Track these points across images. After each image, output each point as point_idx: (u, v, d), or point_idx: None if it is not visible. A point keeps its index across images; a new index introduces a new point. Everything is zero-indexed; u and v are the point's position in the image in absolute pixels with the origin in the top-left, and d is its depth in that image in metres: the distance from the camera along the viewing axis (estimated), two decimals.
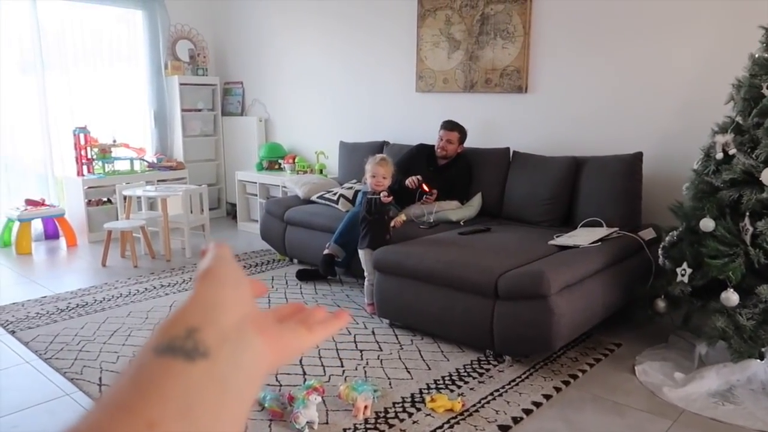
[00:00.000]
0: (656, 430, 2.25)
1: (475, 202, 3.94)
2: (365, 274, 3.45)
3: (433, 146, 4.05)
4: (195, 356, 0.31)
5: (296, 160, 5.44)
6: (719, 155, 2.66)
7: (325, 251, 3.81)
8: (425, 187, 3.77)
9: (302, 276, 4.05)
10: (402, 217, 3.45)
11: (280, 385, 2.56)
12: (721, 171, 2.66)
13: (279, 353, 0.38)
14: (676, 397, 2.46)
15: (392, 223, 3.41)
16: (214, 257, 0.39)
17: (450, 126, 3.97)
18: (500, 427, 2.26)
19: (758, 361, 2.55)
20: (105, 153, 5.35)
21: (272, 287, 3.94)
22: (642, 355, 2.86)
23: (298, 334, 0.40)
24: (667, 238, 2.88)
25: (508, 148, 3.97)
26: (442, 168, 4.01)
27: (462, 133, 3.98)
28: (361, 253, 3.42)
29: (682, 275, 2.72)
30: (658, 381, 2.60)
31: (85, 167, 5.28)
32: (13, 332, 3.18)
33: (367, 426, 2.26)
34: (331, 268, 3.86)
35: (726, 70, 2.98)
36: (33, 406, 2.43)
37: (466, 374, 2.69)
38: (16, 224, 4.91)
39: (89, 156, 5.29)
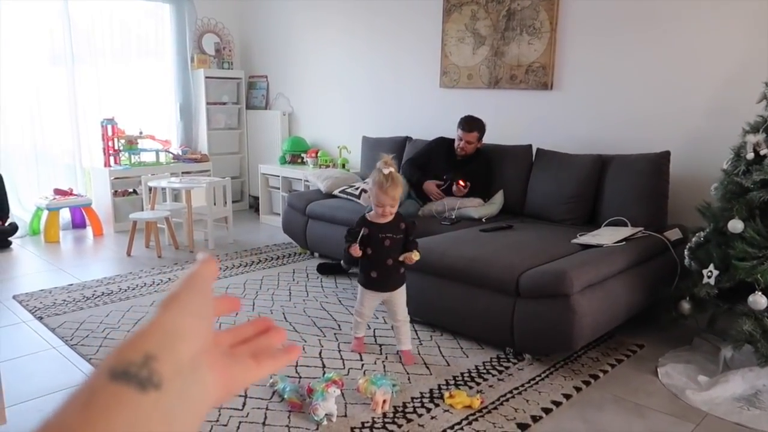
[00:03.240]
0: None
1: (498, 199, 3.92)
2: (356, 307, 2.85)
3: (453, 140, 4.03)
4: (148, 387, 0.31)
5: (319, 155, 5.46)
6: (750, 155, 2.60)
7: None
8: (461, 183, 3.76)
9: (323, 270, 4.07)
10: (415, 255, 2.63)
11: (300, 377, 2.58)
12: (751, 171, 2.60)
13: (226, 388, 0.38)
14: (700, 400, 2.42)
15: (401, 258, 2.65)
16: (186, 282, 0.39)
17: (469, 127, 3.91)
18: (519, 425, 2.25)
19: None
20: (131, 144, 5.43)
21: (293, 280, 3.96)
22: (665, 357, 2.82)
23: (246, 368, 0.41)
24: (693, 239, 2.83)
25: (530, 146, 3.93)
26: (461, 163, 3.99)
27: (481, 131, 3.94)
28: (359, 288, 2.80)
29: (708, 277, 2.67)
30: (681, 384, 2.56)
31: (111, 158, 5.37)
32: (40, 318, 3.26)
33: (386, 420, 2.26)
34: (335, 267, 3.94)
35: (759, 69, 2.91)
36: (58, 390, 2.48)
37: (485, 371, 2.68)
38: (45, 213, 5.02)
39: (116, 147, 5.38)
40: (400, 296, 2.75)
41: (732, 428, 2.25)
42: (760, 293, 2.44)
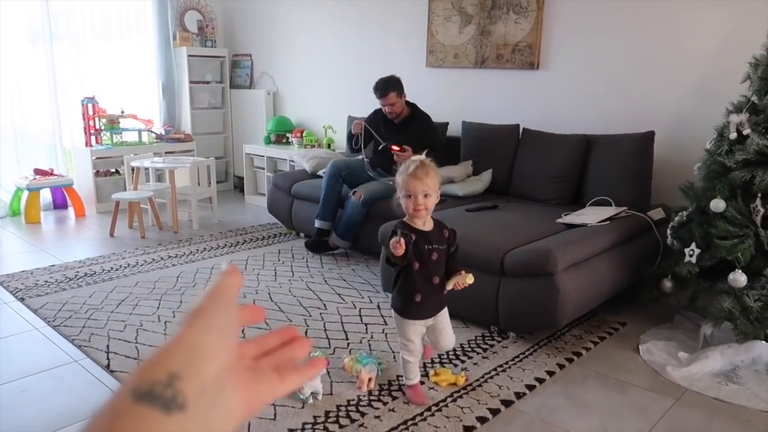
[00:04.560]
0: (658, 408, 2.26)
1: (485, 177, 3.93)
2: (400, 341, 2.26)
3: None
4: (172, 408, 0.31)
5: (304, 134, 5.42)
6: (733, 135, 2.62)
7: (317, 226, 3.96)
8: (395, 147, 3.77)
9: (312, 246, 4.07)
10: (469, 278, 2.11)
11: None
12: (734, 151, 2.62)
13: (251, 407, 0.37)
14: (680, 376, 2.47)
15: (450, 286, 2.13)
16: (210, 295, 0.38)
17: (381, 92, 3.90)
18: (503, 401, 2.28)
19: (763, 342, 2.54)
20: (113, 124, 5.34)
21: (279, 260, 3.95)
22: (646, 334, 2.86)
23: (270, 384, 0.40)
24: (676, 218, 2.86)
25: (518, 125, 3.93)
26: (401, 126, 4.01)
27: (396, 88, 3.92)
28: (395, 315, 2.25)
29: (690, 255, 2.70)
30: (661, 360, 2.60)
31: (93, 138, 5.29)
32: (22, 299, 3.22)
33: (371, 398, 2.28)
34: (324, 245, 4.00)
35: (743, 49, 2.92)
36: (41, 371, 2.47)
37: (470, 349, 2.70)
38: (25, 193, 4.94)
39: (97, 126, 5.29)
40: (446, 318, 2.26)
41: (710, 403, 2.30)
42: (740, 271, 2.47)
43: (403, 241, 1.97)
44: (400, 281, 2.17)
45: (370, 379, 2.34)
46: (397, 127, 4.01)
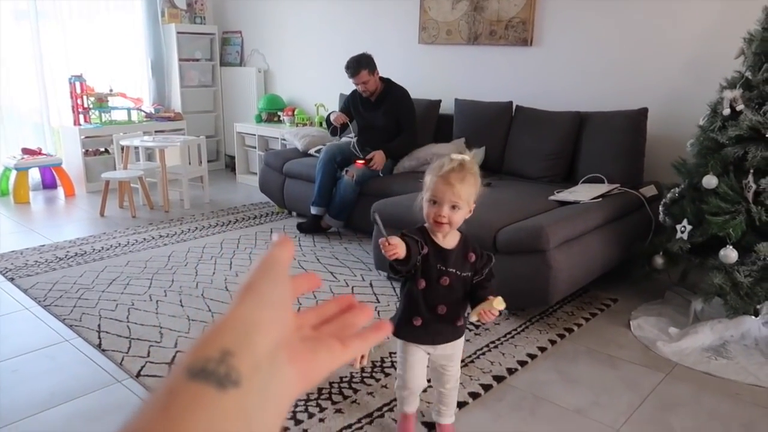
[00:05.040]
0: (649, 382, 2.28)
1: (478, 156, 3.91)
2: (397, 374, 1.88)
3: None
4: (227, 384, 0.30)
5: (296, 113, 5.37)
6: (726, 111, 2.61)
7: (314, 213, 3.96)
8: (359, 162, 3.85)
9: (303, 228, 4.05)
10: (498, 303, 1.60)
11: None
12: (727, 127, 2.61)
13: (307, 379, 0.36)
14: (670, 351, 2.49)
15: (474, 318, 1.65)
16: (260, 268, 0.37)
17: (353, 71, 3.87)
18: (495, 377, 2.29)
19: (753, 317, 2.57)
20: (101, 102, 5.27)
21: (271, 239, 3.92)
22: (637, 310, 2.88)
23: (331, 351, 0.38)
24: (668, 195, 2.86)
25: (510, 103, 3.90)
26: (377, 102, 3.99)
27: (367, 65, 3.89)
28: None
29: (682, 232, 2.71)
30: (652, 335, 2.62)
31: (81, 116, 5.22)
32: (12, 279, 3.19)
33: (364, 374, 2.28)
34: (317, 227, 4.01)
35: (737, 24, 2.89)
36: (33, 351, 2.46)
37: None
38: (13, 173, 4.88)
39: (86, 105, 5.22)
40: (455, 355, 1.82)
41: (700, 377, 2.32)
42: (731, 247, 2.48)
43: (393, 243, 1.52)
44: (404, 294, 1.75)
45: (362, 357, 2.34)
46: (373, 105, 3.99)
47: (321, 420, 2.00)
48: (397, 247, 1.52)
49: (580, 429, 1.98)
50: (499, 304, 1.59)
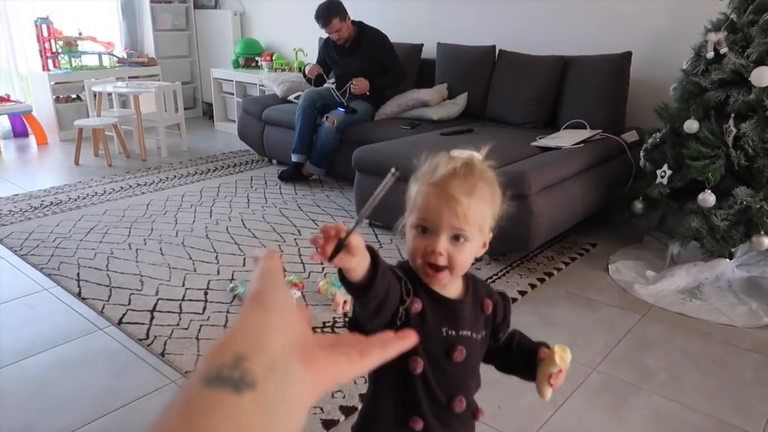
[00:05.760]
0: (625, 323, 2.33)
1: (460, 101, 3.86)
2: None
3: None
4: (242, 387, 0.31)
5: (274, 58, 5.22)
6: (710, 54, 2.58)
7: (295, 160, 3.90)
8: (354, 83, 3.79)
9: (285, 176, 4.01)
10: (568, 356, 0.98)
11: None
12: (710, 71, 2.60)
13: (323, 384, 0.36)
14: (646, 293, 2.54)
15: (548, 395, 1.00)
16: (261, 278, 0.38)
17: (324, 21, 3.77)
18: None
19: (727, 260, 2.63)
20: (71, 47, 5.07)
21: (251, 187, 3.89)
22: (616, 254, 2.92)
23: (349, 361, 0.38)
24: (649, 140, 2.86)
25: (494, 47, 3.83)
26: (352, 48, 3.91)
27: (338, 12, 3.78)
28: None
29: (662, 177, 2.72)
30: (629, 279, 2.67)
31: (50, 62, 5.02)
32: None
33: (346, 319, 2.30)
34: (298, 175, 3.96)
35: None
36: (11, 300, 2.43)
37: None
38: None
39: (54, 50, 5.01)
40: None
41: (674, 318, 2.38)
42: (709, 191, 2.51)
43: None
44: (383, 377, 0.96)
45: (345, 302, 2.36)
46: (348, 52, 3.89)
47: None
48: (354, 252, 0.73)
49: None
50: (565, 354, 0.98)
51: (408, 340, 0.41)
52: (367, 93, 3.83)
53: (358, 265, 0.75)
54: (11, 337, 2.17)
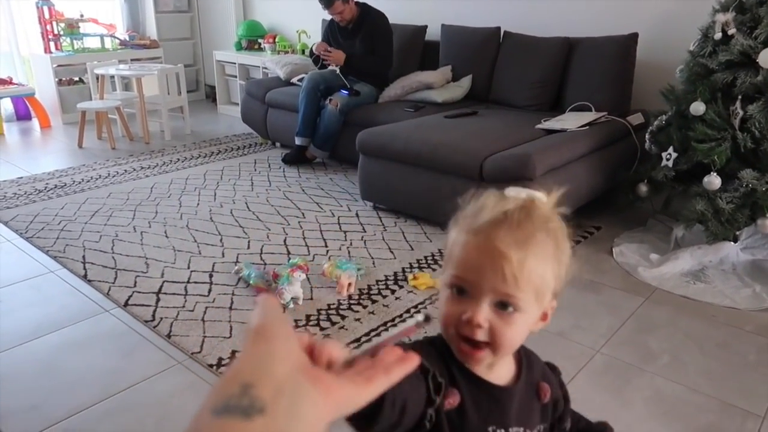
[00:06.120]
0: (629, 306, 2.34)
1: (465, 84, 3.84)
2: None
3: None
4: (252, 413, 0.30)
5: (277, 40, 5.19)
6: (718, 35, 2.55)
7: (299, 143, 3.88)
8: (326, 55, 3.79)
9: (288, 160, 4.00)
10: None
11: (265, 264, 2.59)
12: (717, 52, 2.57)
13: (335, 405, 0.36)
14: (650, 276, 2.54)
15: None
16: (261, 312, 0.38)
17: (326, 2, 3.74)
18: None
19: (732, 243, 2.63)
20: (72, 29, 5.04)
21: (255, 170, 3.89)
22: (620, 237, 2.92)
23: (355, 386, 0.38)
24: (655, 123, 2.84)
25: (498, 28, 3.79)
26: (354, 30, 3.88)
27: None
28: None
29: (667, 159, 2.71)
30: (633, 261, 2.67)
31: (52, 44, 4.99)
32: None
33: (351, 302, 2.31)
34: (302, 158, 3.94)
35: None
36: (17, 282, 2.44)
37: None
38: None
39: (56, 32, 4.98)
40: None
41: (678, 300, 2.39)
42: (715, 174, 2.49)
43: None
44: None
45: (349, 284, 2.37)
46: (350, 33, 3.87)
47: None
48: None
49: (561, 350, 2.04)
50: None
51: (411, 362, 0.41)
52: (338, 68, 3.83)
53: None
54: (19, 317, 2.18)
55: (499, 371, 0.73)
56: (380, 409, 0.54)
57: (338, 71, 3.83)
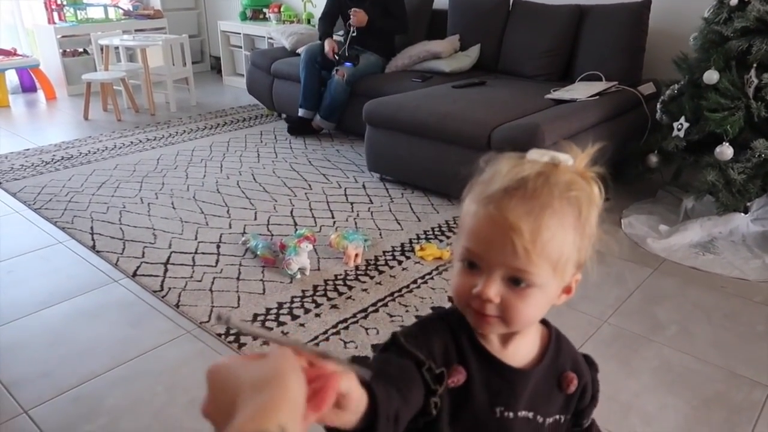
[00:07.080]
0: (637, 277, 2.33)
1: (473, 53, 3.78)
2: None
3: None
4: None
5: (282, 9, 5.11)
6: (734, 1, 2.49)
7: (301, 115, 3.85)
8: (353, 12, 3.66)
9: (293, 130, 3.97)
10: None
11: (272, 235, 2.59)
12: (733, 19, 2.51)
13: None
14: (659, 247, 2.53)
15: None
16: (285, 362, 0.46)
17: None
18: None
19: (742, 214, 2.60)
20: None
21: (261, 142, 3.87)
22: (629, 209, 2.90)
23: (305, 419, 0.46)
24: (667, 92, 2.79)
25: None
26: None
27: None
28: None
29: (679, 129, 2.67)
30: (642, 233, 2.65)
31: (55, 14, 4.94)
32: None
33: (358, 273, 2.32)
34: (307, 128, 3.91)
35: None
36: (27, 252, 2.46)
37: (455, 225, 2.73)
38: None
39: (59, 2, 4.93)
40: None
41: (687, 271, 2.37)
42: (727, 144, 2.46)
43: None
44: None
45: (356, 255, 2.37)
46: (359, 1, 3.76)
47: (317, 315, 2.04)
48: (345, 405, 0.49)
49: (569, 321, 2.04)
50: None
51: (326, 401, 0.47)
52: (365, 30, 3.71)
53: (353, 416, 0.50)
54: (29, 287, 2.20)
55: (516, 351, 0.69)
56: (375, 423, 0.52)
57: (348, 38, 3.74)
